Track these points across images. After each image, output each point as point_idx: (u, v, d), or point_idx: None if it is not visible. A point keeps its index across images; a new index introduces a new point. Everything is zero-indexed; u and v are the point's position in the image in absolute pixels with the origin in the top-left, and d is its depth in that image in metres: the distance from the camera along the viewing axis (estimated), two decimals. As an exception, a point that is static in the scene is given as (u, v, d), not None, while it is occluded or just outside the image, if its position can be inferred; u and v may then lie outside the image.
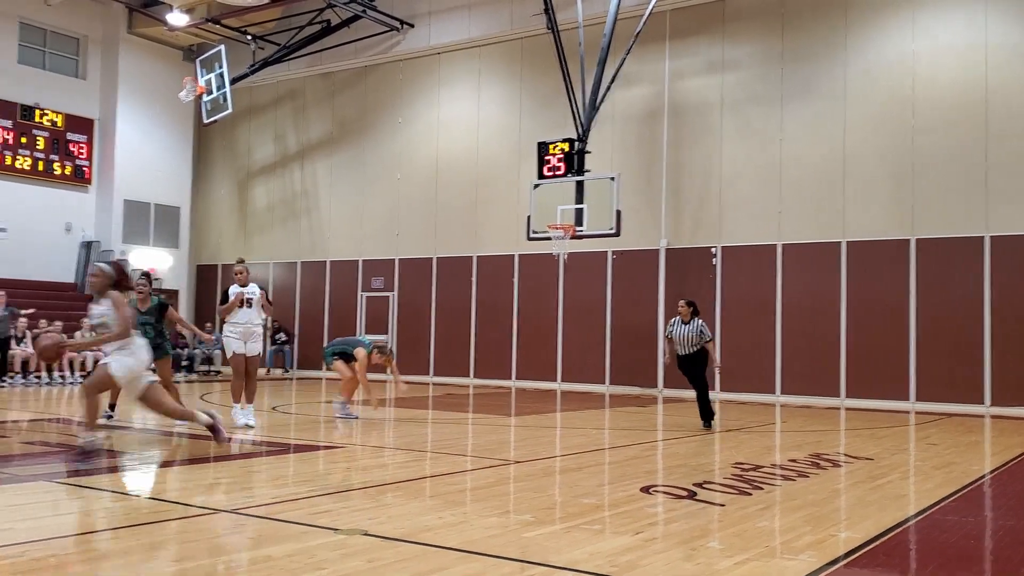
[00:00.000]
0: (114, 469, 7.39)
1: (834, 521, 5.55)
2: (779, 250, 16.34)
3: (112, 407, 10.22)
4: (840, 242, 15.82)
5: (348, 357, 10.96)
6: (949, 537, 5.27)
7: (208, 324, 22.05)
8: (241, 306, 9.89)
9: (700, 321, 11.13)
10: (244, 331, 9.91)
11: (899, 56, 15.59)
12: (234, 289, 9.98)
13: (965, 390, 14.50)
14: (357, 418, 10.85)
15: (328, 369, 11.36)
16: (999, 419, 13.57)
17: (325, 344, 12.81)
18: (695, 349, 11.05)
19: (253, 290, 10.04)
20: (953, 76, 15.11)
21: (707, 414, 11.12)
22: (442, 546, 4.55)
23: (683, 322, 11.07)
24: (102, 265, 7.56)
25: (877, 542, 4.93)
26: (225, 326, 10.00)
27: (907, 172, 15.32)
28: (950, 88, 15.11)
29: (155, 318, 9.88)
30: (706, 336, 11.08)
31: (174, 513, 5.44)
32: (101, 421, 8.91)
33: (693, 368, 11.13)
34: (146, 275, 10.28)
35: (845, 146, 15.90)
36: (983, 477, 7.69)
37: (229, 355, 9.95)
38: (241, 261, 10.27)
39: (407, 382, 10.11)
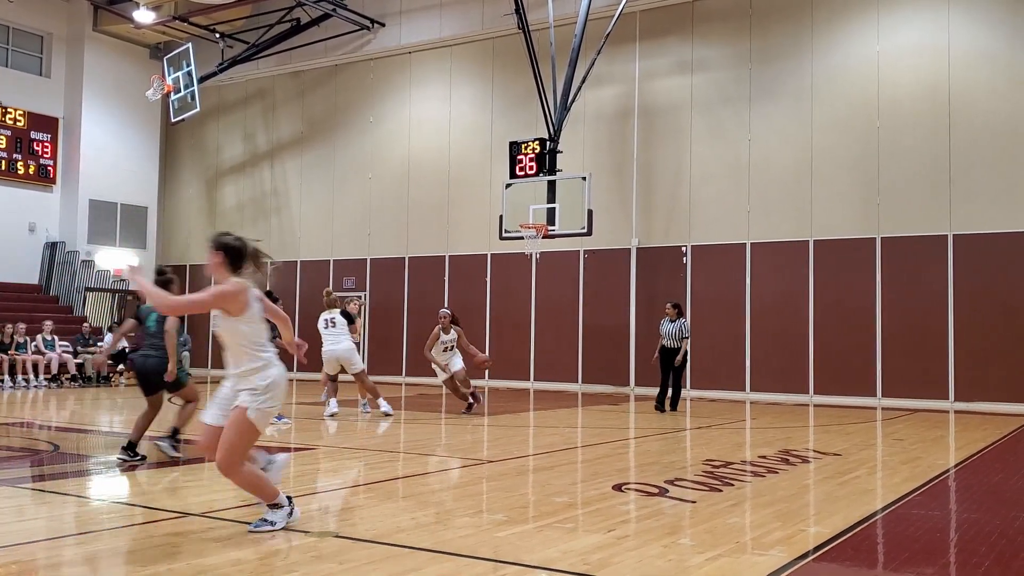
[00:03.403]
0: (80, 473, 7.28)
1: (803, 516, 5.61)
2: (748, 249, 16.50)
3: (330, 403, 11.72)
4: (808, 241, 16.01)
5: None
6: (915, 531, 5.35)
7: (177, 325, 21.78)
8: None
9: (684, 320, 13.11)
10: None
11: (864, 57, 15.81)
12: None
13: (930, 386, 14.74)
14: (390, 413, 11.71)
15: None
16: (962, 414, 13.81)
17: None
18: (679, 344, 12.91)
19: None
20: (917, 77, 15.35)
21: (663, 401, 13.03)
22: (414, 547, 4.54)
23: (670, 320, 13.03)
24: (446, 310, 12.41)
25: (845, 537, 5.00)
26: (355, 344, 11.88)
27: (872, 172, 15.54)
28: (914, 89, 15.35)
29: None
30: (684, 333, 12.97)
31: (141, 517, 5.37)
32: (369, 411, 11.82)
33: (673, 360, 12.93)
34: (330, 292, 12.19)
35: (812, 146, 16.09)
36: (948, 471, 7.82)
37: (364, 366, 11.93)
38: (330, 292, 12.07)
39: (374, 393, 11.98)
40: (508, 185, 16.26)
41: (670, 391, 13.08)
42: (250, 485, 4.85)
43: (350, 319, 11.68)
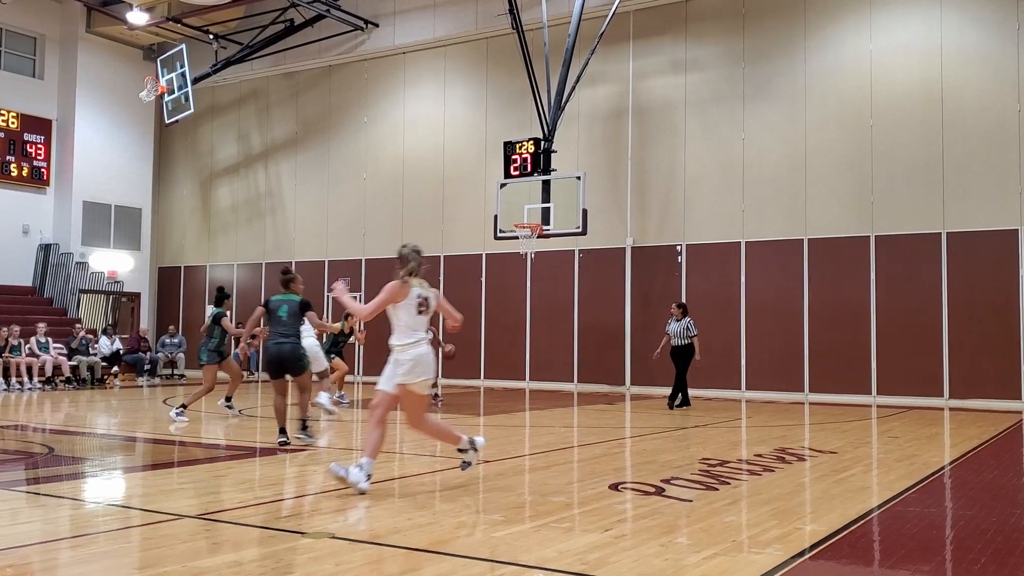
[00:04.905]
0: (75, 476, 7.26)
1: (799, 515, 5.62)
2: (743, 248, 16.53)
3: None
4: (802, 239, 16.04)
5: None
6: (911, 528, 5.37)
7: (171, 327, 21.75)
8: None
9: (688, 319, 13.43)
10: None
11: (857, 56, 15.84)
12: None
13: (924, 383, 14.79)
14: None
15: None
16: (957, 411, 13.86)
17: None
18: (685, 342, 13.31)
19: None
20: (910, 76, 15.39)
21: (674, 398, 13.39)
22: (411, 547, 4.54)
23: (676, 320, 13.41)
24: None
25: (842, 534, 5.01)
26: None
27: (866, 170, 15.58)
28: (907, 88, 15.39)
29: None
30: (691, 332, 13.32)
31: (138, 520, 5.36)
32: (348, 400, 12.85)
33: (680, 358, 13.39)
34: None
35: (805, 145, 16.13)
36: (943, 469, 7.85)
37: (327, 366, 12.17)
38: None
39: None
40: (503, 185, 16.26)
41: (672, 389, 13.42)
42: (436, 433, 6.40)
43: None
